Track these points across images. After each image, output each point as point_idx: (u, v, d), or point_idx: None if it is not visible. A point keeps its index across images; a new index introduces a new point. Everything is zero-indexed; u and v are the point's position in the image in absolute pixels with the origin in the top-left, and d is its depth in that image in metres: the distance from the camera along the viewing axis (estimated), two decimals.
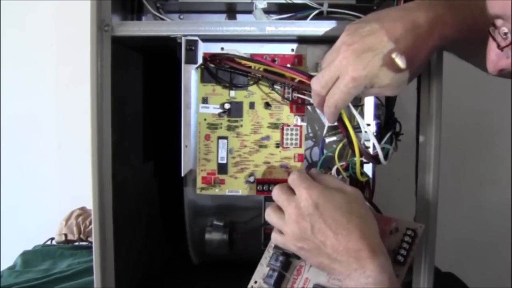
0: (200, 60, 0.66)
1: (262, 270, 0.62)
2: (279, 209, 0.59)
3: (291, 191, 0.58)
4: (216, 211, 0.74)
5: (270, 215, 0.60)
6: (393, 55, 0.54)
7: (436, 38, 0.54)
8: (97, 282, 0.65)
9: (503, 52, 0.47)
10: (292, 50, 0.68)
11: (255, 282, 0.61)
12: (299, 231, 0.56)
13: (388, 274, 0.54)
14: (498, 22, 0.45)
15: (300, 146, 0.69)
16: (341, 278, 0.56)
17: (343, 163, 0.65)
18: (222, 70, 0.68)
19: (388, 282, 0.53)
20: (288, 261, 0.61)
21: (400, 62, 0.54)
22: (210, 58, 0.67)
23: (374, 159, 0.63)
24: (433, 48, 0.56)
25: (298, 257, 0.60)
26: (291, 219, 0.57)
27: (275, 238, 0.60)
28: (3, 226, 1.40)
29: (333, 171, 0.65)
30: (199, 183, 0.70)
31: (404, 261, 0.57)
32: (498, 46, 0.46)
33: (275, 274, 0.60)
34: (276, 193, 0.59)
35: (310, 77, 0.61)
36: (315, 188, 0.57)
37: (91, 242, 1.04)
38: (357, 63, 0.54)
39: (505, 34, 0.45)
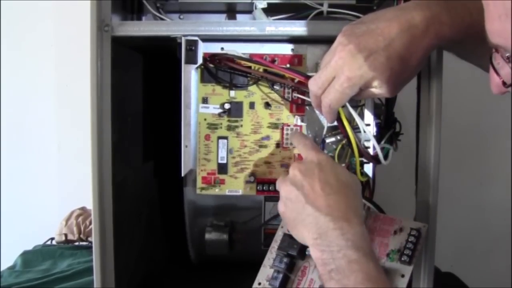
0: (200, 60, 0.66)
1: (265, 271, 0.62)
2: None
3: None
4: (216, 211, 0.74)
5: (279, 179, 0.61)
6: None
7: (432, 37, 0.54)
8: (97, 282, 0.65)
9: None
10: (292, 50, 0.68)
11: (259, 283, 0.61)
12: (290, 181, 0.57)
13: (369, 245, 0.53)
14: (500, 48, 0.46)
15: None
16: (310, 238, 0.54)
17: (343, 164, 0.65)
18: (222, 70, 0.68)
19: (369, 252, 0.52)
20: (292, 262, 0.61)
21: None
22: (210, 58, 0.67)
23: (374, 159, 0.63)
24: (430, 47, 0.55)
25: (302, 258, 0.61)
26: (290, 171, 0.58)
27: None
28: (3, 226, 1.40)
29: None
30: (199, 183, 0.70)
31: (410, 261, 0.58)
32: (504, 84, 0.46)
33: (280, 276, 0.60)
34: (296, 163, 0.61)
35: (308, 77, 0.61)
36: (325, 154, 0.59)
37: (91, 242, 1.03)
38: (353, 63, 0.54)
39: (508, 57, 0.45)
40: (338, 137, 0.66)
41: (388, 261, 0.58)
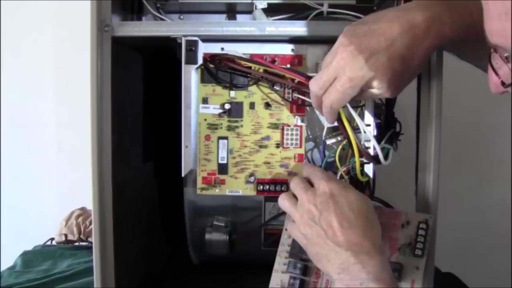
0: (200, 61, 0.66)
1: (278, 277, 0.62)
2: (294, 196, 0.61)
3: (311, 184, 0.61)
4: (216, 212, 0.74)
5: (284, 200, 0.62)
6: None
7: (433, 37, 0.54)
8: (97, 282, 0.65)
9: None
10: (292, 50, 0.68)
11: None
12: (306, 216, 0.58)
13: (390, 274, 0.54)
14: (499, 47, 0.46)
15: (300, 146, 0.69)
16: (334, 272, 0.55)
17: (344, 167, 0.65)
18: (222, 71, 0.68)
19: (390, 282, 0.53)
20: (305, 266, 0.61)
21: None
22: (210, 58, 0.67)
23: (374, 159, 0.63)
24: (431, 47, 0.55)
25: None
26: (303, 205, 0.58)
27: (288, 225, 0.62)
28: (3, 226, 1.40)
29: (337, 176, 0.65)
30: (199, 183, 0.70)
31: (422, 253, 0.58)
32: (503, 84, 0.47)
33: (297, 282, 0.61)
34: (296, 181, 0.61)
35: (309, 78, 0.61)
36: (334, 181, 0.59)
37: (91, 242, 1.04)
38: (354, 64, 0.54)
39: (506, 57, 0.45)
40: (339, 138, 0.66)
41: (401, 256, 0.59)
